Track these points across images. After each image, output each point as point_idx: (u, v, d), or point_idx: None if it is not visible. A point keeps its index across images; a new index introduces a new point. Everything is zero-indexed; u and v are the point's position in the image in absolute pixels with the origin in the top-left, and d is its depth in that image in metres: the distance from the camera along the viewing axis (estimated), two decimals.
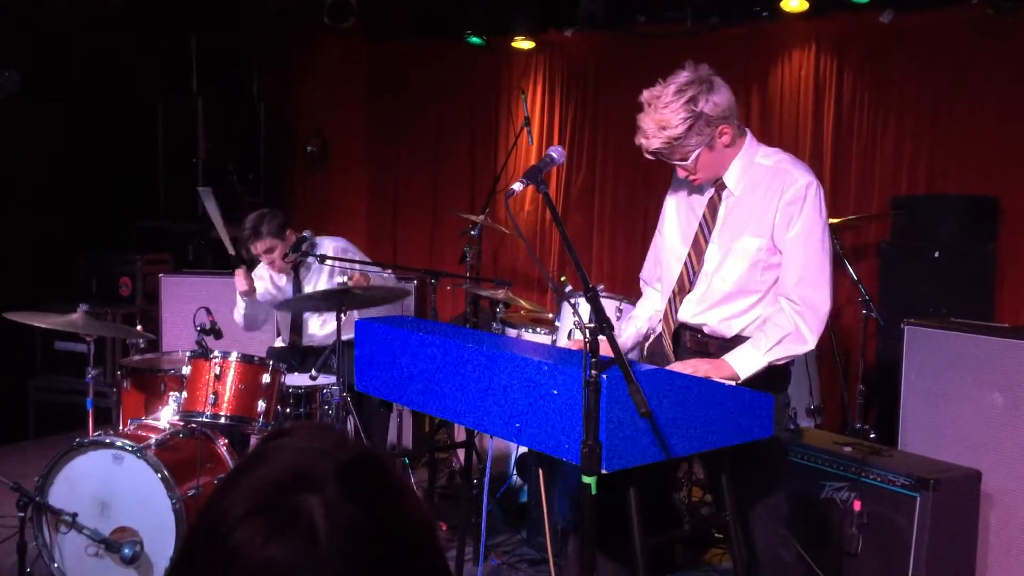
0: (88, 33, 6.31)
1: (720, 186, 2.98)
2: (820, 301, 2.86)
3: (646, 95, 2.84)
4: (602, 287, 4.42)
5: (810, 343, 2.86)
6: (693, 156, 2.84)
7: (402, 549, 0.92)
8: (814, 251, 2.86)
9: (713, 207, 2.99)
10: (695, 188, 3.05)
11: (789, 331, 2.82)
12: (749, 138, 2.97)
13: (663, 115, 2.78)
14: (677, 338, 3.10)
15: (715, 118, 2.81)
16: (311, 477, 0.90)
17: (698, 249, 3.00)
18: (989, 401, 3.86)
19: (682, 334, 3.10)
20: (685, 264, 3.03)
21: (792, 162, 2.95)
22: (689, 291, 3.02)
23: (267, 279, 4.91)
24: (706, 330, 3.04)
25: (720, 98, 2.82)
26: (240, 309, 4.82)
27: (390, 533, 0.91)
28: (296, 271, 4.84)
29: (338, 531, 0.87)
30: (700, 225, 3.01)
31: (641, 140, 2.86)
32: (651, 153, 2.88)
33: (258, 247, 4.70)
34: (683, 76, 2.82)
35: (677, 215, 3.13)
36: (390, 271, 5.02)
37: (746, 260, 2.91)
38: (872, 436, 4.83)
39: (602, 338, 2.32)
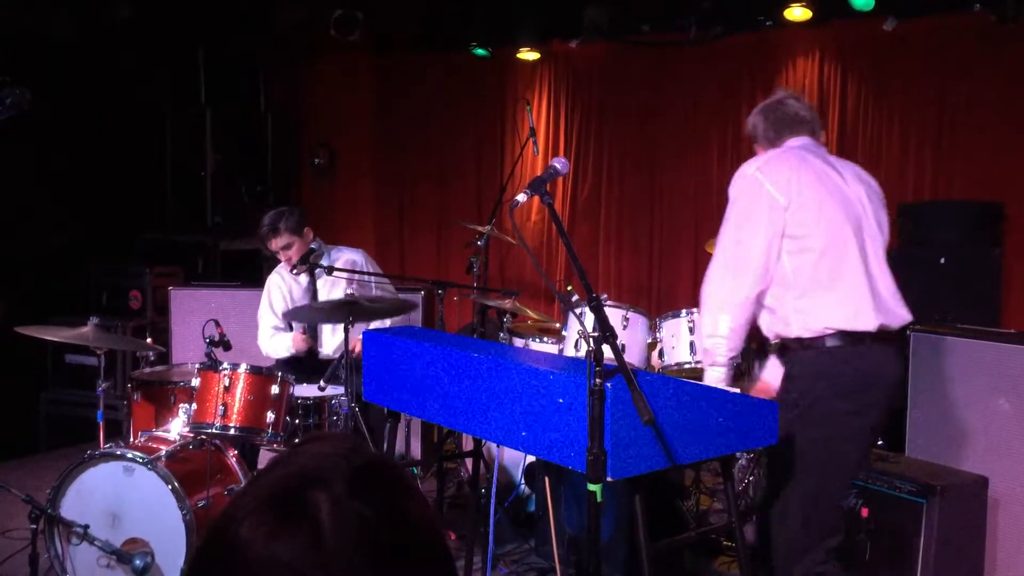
0: (96, 46, 6.36)
1: None
2: (709, 282, 2.97)
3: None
4: (605, 296, 4.42)
5: (707, 327, 2.94)
6: None
7: (409, 549, 0.93)
8: (722, 237, 2.99)
9: None
10: None
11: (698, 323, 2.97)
12: None
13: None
14: None
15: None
16: (320, 475, 0.91)
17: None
18: (996, 407, 3.86)
19: None
20: None
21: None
22: None
23: (285, 292, 4.95)
24: None
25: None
26: (276, 347, 4.91)
27: (397, 532, 0.92)
28: (312, 280, 4.87)
29: (343, 527, 0.88)
30: None
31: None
32: None
33: (275, 243, 4.75)
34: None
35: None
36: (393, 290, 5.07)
37: None
38: (880, 443, 4.83)
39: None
